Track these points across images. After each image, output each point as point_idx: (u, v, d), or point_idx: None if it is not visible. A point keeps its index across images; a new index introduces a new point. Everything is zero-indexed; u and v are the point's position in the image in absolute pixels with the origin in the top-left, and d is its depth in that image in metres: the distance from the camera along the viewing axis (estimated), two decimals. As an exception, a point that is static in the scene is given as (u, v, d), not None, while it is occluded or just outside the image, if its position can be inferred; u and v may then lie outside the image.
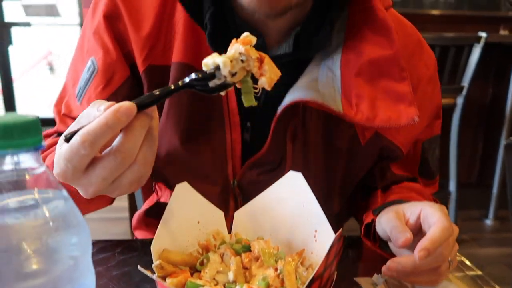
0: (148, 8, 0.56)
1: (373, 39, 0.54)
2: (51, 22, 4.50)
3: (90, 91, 0.57)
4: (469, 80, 2.07)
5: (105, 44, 0.56)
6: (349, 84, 0.53)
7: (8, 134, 0.23)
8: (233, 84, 0.41)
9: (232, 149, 0.58)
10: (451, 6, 3.67)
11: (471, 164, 2.65)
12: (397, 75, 0.53)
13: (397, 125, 0.52)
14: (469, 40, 2.01)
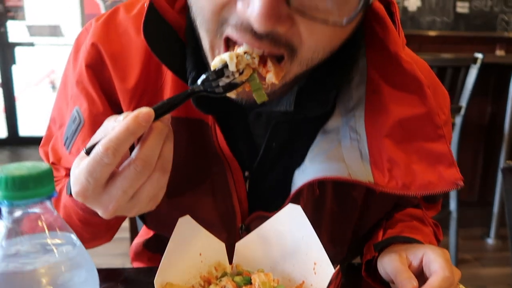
0: (134, 55, 0.51)
1: (402, 95, 0.47)
2: (54, 42, 4.57)
3: (78, 143, 0.55)
4: (467, 100, 2.09)
5: (89, 95, 0.53)
6: (378, 147, 0.47)
7: (24, 185, 0.25)
8: (241, 83, 0.40)
9: (238, 194, 0.55)
10: (448, 26, 3.73)
11: (471, 183, 2.66)
12: (433, 134, 0.47)
13: (437, 191, 0.46)
14: (465, 61, 2.04)
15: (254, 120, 0.53)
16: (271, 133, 0.52)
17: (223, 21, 0.39)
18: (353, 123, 0.48)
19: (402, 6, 3.71)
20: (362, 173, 0.47)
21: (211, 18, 0.39)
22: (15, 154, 4.10)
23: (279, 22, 0.35)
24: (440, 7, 3.72)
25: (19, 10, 4.12)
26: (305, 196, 0.53)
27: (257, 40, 0.37)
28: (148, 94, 0.52)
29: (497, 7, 3.75)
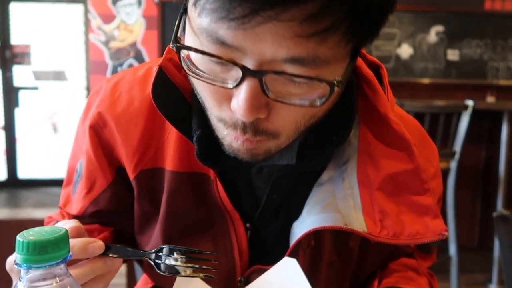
0: (137, 113, 0.54)
1: (392, 152, 0.50)
2: (58, 86, 4.69)
3: (77, 194, 0.59)
4: (461, 145, 2.14)
5: (88, 153, 0.57)
6: (370, 199, 0.50)
7: (44, 250, 0.28)
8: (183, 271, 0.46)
9: (238, 246, 0.56)
10: (440, 73, 3.86)
11: (470, 228, 2.65)
12: (420, 188, 0.50)
13: (424, 240, 0.49)
14: (457, 108, 2.11)
15: (256, 174, 0.55)
16: (273, 186, 0.54)
17: (221, 117, 0.44)
18: (346, 175, 0.51)
19: (395, 54, 3.87)
20: (356, 223, 0.49)
21: (213, 110, 0.44)
22: (13, 196, 4.09)
23: (260, 111, 0.40)
24: (432, 55, 3.88)
25: (26, 56, 4.26)
26: (304, 247, 0.55)
27: (242, 134, 0.42)
28: (151, 149, 0.55)
29: (486, 54, 3.90)
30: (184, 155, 0.54)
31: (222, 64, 0.39)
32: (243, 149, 0.45)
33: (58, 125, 6.05)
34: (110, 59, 3.70)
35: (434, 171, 0.59)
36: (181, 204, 0.55)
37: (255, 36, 0.35)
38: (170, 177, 0.54)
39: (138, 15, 3.66)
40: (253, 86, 0.38)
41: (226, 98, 0.41)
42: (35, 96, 4.91)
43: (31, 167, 4.83)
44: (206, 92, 0.43)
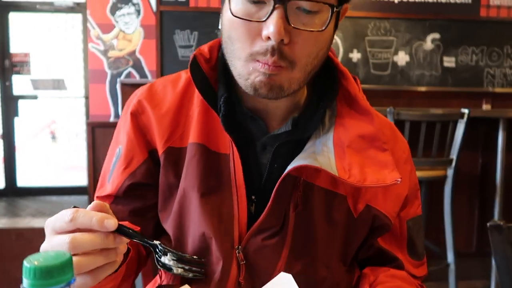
0: (170, 103, 0.69)
1: (359, 119, 0.66)
2: (57, 94, 4.71)
3: (115, 173, 0.69)
4: (457, 152, 2.16)
5: (129, 135, 0.69)
6: (341, 155, 0.63)
7: (49, 275, 0.29)
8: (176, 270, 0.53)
9: (239, 219, 0.65)
10: (436, 80, 3.90)
11: (468, 234, 2.67)
12: (380, 147, 0.64)
13: (383, 185, 0.61)
14: (453, 117, 2.13)
15: (261, 151, 0.67)
16: (273, 156, 0.66)
17: (254, 51, 0.58)
18: (324, 140, 0.65)
19: (392, 61, 3.90)
20: (329, 169, 0.61)
21: (246, 48, 0.58)
22: (12, 205, 4.09)
23: (285, 35, 0.56)
24: (428, 62, 3.91)
25: (25, 65, 4.28)
26: (295, 212, 0.65)
27: (271, 56, 0.57)
28: (179, 130, 0.68)
29: (482, 61, 3.94)
30: (204, 129, 0.66)
31: (256, 3, 0.56)
32: (263, 80, 0.58)
33: (56, 133, 6.07)
34: (109, 68, 3.72)
35: (405, 157, 0.72)
36: (195, 173, 0.66)
37: None
38: (190, 148, 0.66)
39: (136, 25, 3.69)
40: (280, 14, 0.55)
41: (257, 33, 0.57)
42: (34, 105, 4.93)
43: (30, 176, 4.83)
44: (242, 32, 0.58)
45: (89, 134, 3.33)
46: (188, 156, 0.66)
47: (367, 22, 3.88)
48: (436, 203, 2.40)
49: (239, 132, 0.66)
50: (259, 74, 0.58)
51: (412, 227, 0.73)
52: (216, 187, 0.66)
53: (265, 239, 0.64)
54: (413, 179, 0.74)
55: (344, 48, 3.88)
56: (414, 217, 0.73)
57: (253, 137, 0.68)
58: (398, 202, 0.70)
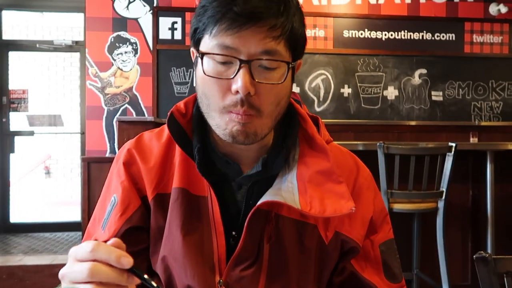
0: (156, 153, 0.76)
1: (317, 156, 0.73)
2: (53, 130, 4.74)
3: (110, 220, 0.73)
4: (447, 184, 2.20)
5: (124, 183, 0.74)
6: (303, 189, 0.70)
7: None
8: None
9: (218, 255, 0.70)
10: (425, 113, 4.01)
11: (463, 266, 2.67)
12: (336, 180, 0.71)
13: (341, 214, 0.68)
14: (441, 150, 2.19)
15: (236, 190, 0.74)
16: (248, 194, 0.73)
17: (226, 104, 0.66)
18: (290, 177, 0.72)
19: (382, 95, 4.02)
20: (293, 203, 0.68)
21: (219, 102, 0.66)
22: (3, 242, 4.03)
23: (250, 88, 0.64)
24: (417, 96, 4.04)
25: (22, 102, 4.35)
26: (267, 241, 0.70)
27: (241, 107, 0.65)
28: (165, 177, 0.75)
29: (469, 95, 4.07)
30: (185, 177, 0.73)
31: (225, 64, 0.65)
32: (240, 129, 0.66)
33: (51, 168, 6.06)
34: (105, 104, 3.79)
35: (367, 184, 0.79)
36: (178, 215, 0.72)
37: (244, 39, 0.63)
38: (174, 192, 0.73)
39: (134, 63, 3.80)
40: (246, 71, 0.63)
41: (228, 88, 0.65)
42: (30, 140, 4.95)
43: (23, 211, 4.79)
44: (214, 89, 0.66)
45: (85, 169, 3.35)
46: (172, 199, 0.72)
47: (357, 58, 4.03)
48: (429, 236, 2.42)
49: (215, 175, 0.73)
50: (235, 124, 0.66)
51: (385, 251, 0.78)
52: (197, 227, 0.72)
53: (243, 270, 0.70)
54: (378, 204, 0.80)
55: (335, 84, 4.00)
56: (386, 241, 0.78)
57: (228, 178, 0.74)
58: (363, 225, 0.76)
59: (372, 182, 0.81)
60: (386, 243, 0.78)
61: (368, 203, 0.77)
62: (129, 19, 3.79)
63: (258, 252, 0.70)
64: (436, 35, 4.08)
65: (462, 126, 2.94)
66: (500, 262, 1.02)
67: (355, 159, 0.82)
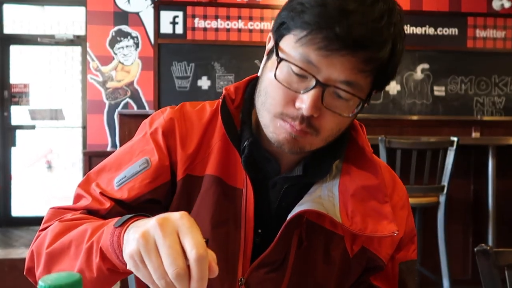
0: (195, 132, 0.72)
1: (365, 170, 0.69)
2: (54, 124, 4.75)
3: (135, 181, 0.68)
4: (448, 179, 2.20)
5: (162, 151, 0.70)
6: (345, 202, 0.66)
7: (63, 292, 0.33)
8: None
9: (244, 251, 0.68)
10: (427, 108, 3.99)
11: (463, 261, 2.67)
12: (382, 199, 0.67)
13: (382, 235, 0.65)
14: (443, 144, 2.19)
15: (271, 188, 0.71)
16: (282, 196, 0.70)
17: (284, 112, 0.63)
18: (330, 186, 0.69)
19: (384, 90, 4.01)
20: (333, 215, 0.65)
21: (277, 107, 0.63)
22: (5, 236, 4.05)
23: (316, 111, 0.61)
24: (419, 91, 4.02)
25: (24, 96, 4.35)
26: (299, 245, 0.68)
27: (299, 124, 0.62)
28: (198, 158, 0.71)
29: (471, 90, 4.06)
30: (223, 165, 0.70)
31: (299, 77, 0.61)
32: (288, 139, 0.63)
33: (52, 162, 6.07)
34: (107, 98, 3.79)
35: (402, 203, 0.76)
36: (210, 205, 0.69)
37: (331, 62, 0.58)
38: (207, 178, 0.69)
39: (135, 57, 3.80)
40: (317, 93, 0.60)
41: (293, 99, 0.62)
42: (32, 134, 4.96)
43: (25, 205, 4.81)
44: (278, 93, 0.63)
45: (86, 163, 3.36)
46: (204, 187, 0.69)
47: (359, 53, 4.00)
48: (430, 230, 2.42)
49: (254, 170, 0.69)
50: (285, 132, 0.63)
51: (404, 270, 0.76)
52: (227, 220, 0.69)
53: (267, 273, 0.68)
54: (410, 224, 0.77)
55: (337, 78, 3.98)
56: (407, 261, 0.76)
57: (265, 175, 0.71)
58: (393, 245, 0.73)
59: (407, 200, 0.78)
60: (408, 263, 0.76)
61: (401, 223, 0.74)
62: (130, 13, 3.78)
63: (284, 256, 0.68)
64: (439, 30, 4.06)
65: (464, 121, 2.93)
66: (501, 255, 1.02)
67: (393, 175, 0.79)
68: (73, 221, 0.63)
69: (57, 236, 0.62)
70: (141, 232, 0.47)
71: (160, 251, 0.46)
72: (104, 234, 0.56)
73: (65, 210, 0.69)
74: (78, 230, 0.60)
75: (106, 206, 0.67)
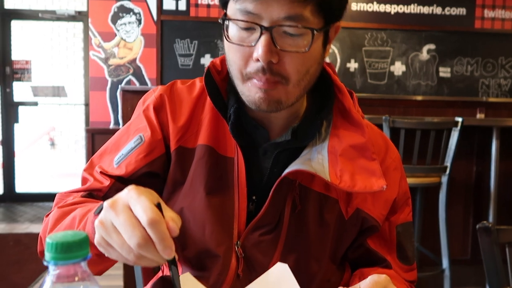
0: (185, 106, 0.74)
1: (352, 130, 0.71)
2: (57, 101, 4.74)
3: (131, 157, 0.71)
4: (451, 160, 2.20)
5: (154, 126, 0.73)
6: (334, 162, 0.68)
7: (70, 249, 0.33)
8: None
9: (238, 217, 0.70)
10: (432, 90, 3.96)
11: (463, 241, 2.70)
12: (369, 157, 0.69)
13: (371, 191, 0.67)
14: (447, 125, 2.17)
15: (262, 156, 0.73)
16: (274, 161, 0.72)
17: (248, 71, 0.64)
18: (320, 149, 0.71)
19: (389, 71, 3.97)
20: (323, 175, 0.67)
21: (242, 69, 0.65)
22: (10, 211, 4.10)
23: (272, 56, 0.61)
24: (424, 72, 3.98)
25: (26, 72, 4.33)
26: (293, 209, 0.70)
27: (263, 75, 0.63)
28: (190, 131, 0.73)
29: (477, 72, 4.01)
30: (213, 135, 0.72)
31: (247, 30, 0.62)
32: (262, 96, 0.64)
33: (55, 140, 6.09)
34: (109, 75, 3.77)
35: (395, 165, 0.77)
36: (203, 173, 0.71)
37: (267, 5, 0.60)
38: (199, 148, 0.72)
39: (137, 33, 3.75)
40: (267, 38, 0.61)
41: (250, 55, 0.63)
42: (34, 111, 4.96)
43: (28, 182, 4.85)
44: (236, 55, 0.64)
45: (89, 140, 3.37)
46: (197, 156, 0.72)
47: (364, 32, 3.96)
48: (431, 210, 2.43)
49: (243, 139, 0.71)
50: (257, 90, 0.64)
51: (401, 233, 0.77)
52: (221, 187, 0.71)
53: (262, 235, 0.70)
54: (403, 186, 0.78)
55: (341, 58, 3.95)
56: (403, 223, 0.78)
57: (255, 143, 0.73)
58: (386, 205, 0.75)
59: (399, 163, 0.79)
60: (404, 225, 0.78)
61: (394, 184, 0.75)
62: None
63: (278, 219, 0.70)
64: (447, 10, 3.98)
65: (469, 102, 2.91)
66: (503, 232, 1.02)
67: (385, 139, 0.80)
68: (69, 207, 0.67)
69: (55, 223, 0.66)
70: (98, 220, 0.49)
71: (119, 230, 0.47)
72: (88, 222, 0.58)
73: (69, 193, 0.73)
74: (69, 218, 0.64)
75: (106, 184, 0.71)
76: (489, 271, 1.01)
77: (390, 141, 0.81)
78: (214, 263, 0.70)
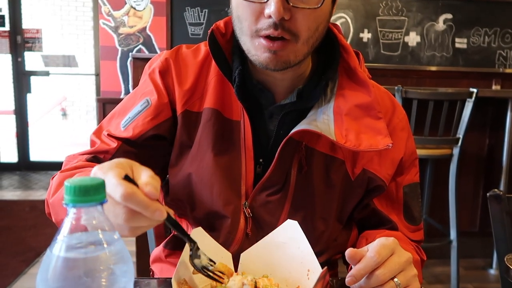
0: (191, 70, 0.75)
1: (357, 90, 0.71)
2: (68, 71, 4.75)
3: (138, 120, 0.72)
4: (464, 131, 2.17)
5: (160, 90, 0.74)
6: (340, 122, 0.69)
7: (87, 192, 0.34)
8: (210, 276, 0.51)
9: (246, 178, 0.72)
10: (447, 61, 3.86)
11: (472, 213, 2.70)
12: (375, 116, 0.69)
13: (376, 149, 0.67)
14: (461, 96, 2.13)
15: (268, 119, 0.73)
16: (280, 124, 0.72)
17: (258, 27, 0.64)
18: (325, 110, 0.71)
19: (403, 41, 3.87)
20: (329, 134, 0.67)
21: (251, 25, 0.64)
22: (25, 179, 4.20)
23: (285, 12, 0.61)
24: (439, 43, 3.88)
25: (37, 41, 4.32)
26: (300, 169, 0.71)
27: (274, 30, 0.62)
28: (196, 95, 0.74)
29: (495, 43, 3.89)
30: (220, 99, 0.72)
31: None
32: (270, 56, 0.64)
33: (67, 110, 6.15)
34: (119, 45, 3.75)
35: (402, 125, 0.77)
36: (210, 135, 0.71)
37: None
38: (206, 112, 0.72)
39: (147, 2, 3.70)
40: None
41: (261, 11, 0.63)
42: (46, 81, 4.99)
43: (42, 151, 4.93)
44: (247, 11, 0.64)
45: (100, 110, 3.39)
46: (203, 119, 0.72)
47: (379, 1, 3.84)
48: (441, 182, 2.43)
49: (249, 101, 0.71)
50: (265, 51, 0.64)
51: (408, 193, 0.78)
52: (228, 149, 0.72)
53: (269, 195, 0.71)
54: (410, 146, 0.78)
55: (354, 28, 3.85)
56: (410, 184, 0.78)
57: (261, 106, 0.73)
58: (393, 165, 0.75)
59: (406, 123, 0.79)
60: (411, 185, 0.78)
61: (400, 144, 0.76)
62: (142, -45, 3.64)
63: (285, 180, 0.71)
64: (465, -23, 3.84)
65: (485, 73, 2.83)
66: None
67: (392, 99, 0.80)
68: (70, 171, 0.68)
69: (56, 188, 0.67)
70: None
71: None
72: None
73: (76, 156, 0.74)
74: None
75: (113, 146, 0.72)
76: (497, 239, 1.01)
77: (397, 101, 0.81)
78: (223, 224, 0.72)
